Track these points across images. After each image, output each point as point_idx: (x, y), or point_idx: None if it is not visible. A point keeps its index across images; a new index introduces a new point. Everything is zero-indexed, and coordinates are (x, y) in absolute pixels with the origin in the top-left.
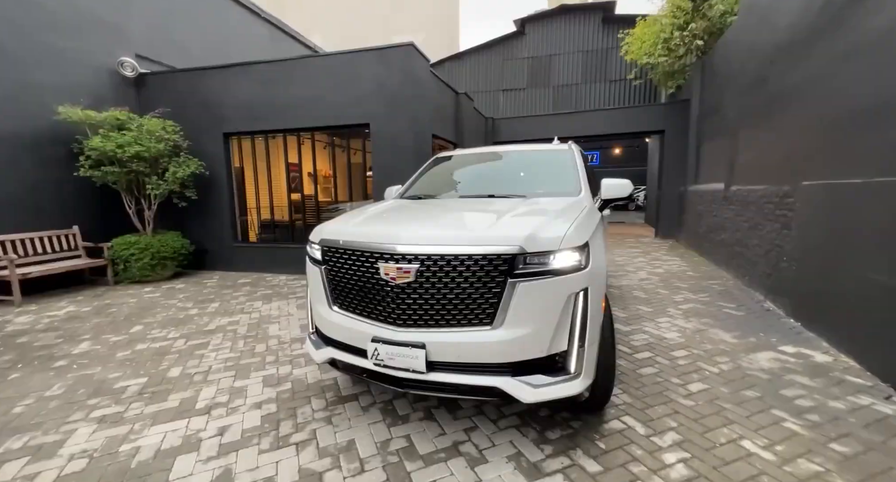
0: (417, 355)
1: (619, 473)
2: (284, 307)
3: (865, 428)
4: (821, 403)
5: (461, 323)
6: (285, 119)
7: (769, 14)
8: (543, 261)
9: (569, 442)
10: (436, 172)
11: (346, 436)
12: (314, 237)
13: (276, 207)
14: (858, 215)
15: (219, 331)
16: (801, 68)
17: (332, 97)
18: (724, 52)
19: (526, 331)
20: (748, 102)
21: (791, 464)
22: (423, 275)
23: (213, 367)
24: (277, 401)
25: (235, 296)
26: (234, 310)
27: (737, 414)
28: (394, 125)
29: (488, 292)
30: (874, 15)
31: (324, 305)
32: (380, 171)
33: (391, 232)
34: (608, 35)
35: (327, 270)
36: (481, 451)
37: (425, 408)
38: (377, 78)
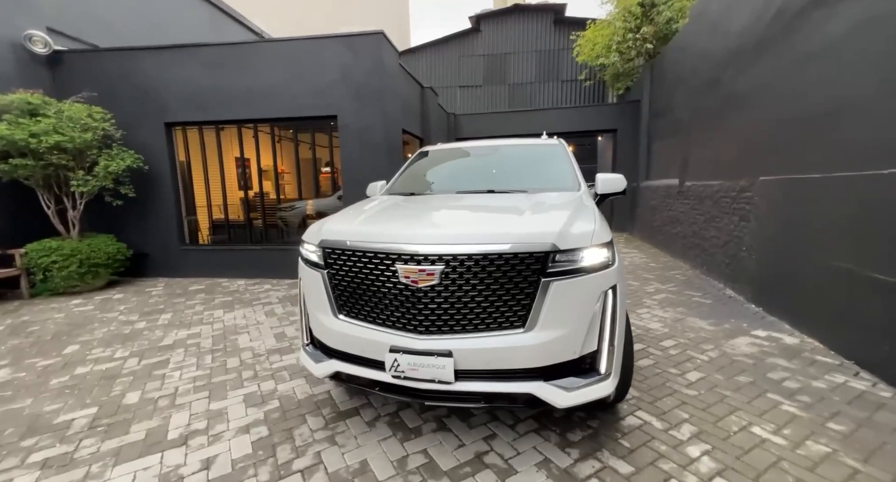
0: (444, 364)
1: (652, 472)
2: (251, 315)
3: (850, 405)
4: (805, 384)
5: (490, 327)
6: (239, 109)
7: (720, 21)
8: (575, 259)
9: (593, 443)
10: (424, 167)
11: (356, 457)
12: (310, 238)
13: (230, 206)
14: (819, 207)
15: (178, 345)
16: (755, 72)
17: (294, 87)
18: (674, 55)
19: (560, 333)
20: (702, 103)
21: (802, 447)
22: (448, 277)
23: (180, 389)
24: (267, 422)
25: (190, 304)
26: (192, 320)
27: (738, 400)
28: (363, 118)
29: (520, 293)
30: (825, 24)
31: (326, 314)
32: (349, 166)
33: (409, 231)
34: (560, 36)
35: (331, 275)
36: (507, 461)
37: (436, 417)
38: (344, 67)
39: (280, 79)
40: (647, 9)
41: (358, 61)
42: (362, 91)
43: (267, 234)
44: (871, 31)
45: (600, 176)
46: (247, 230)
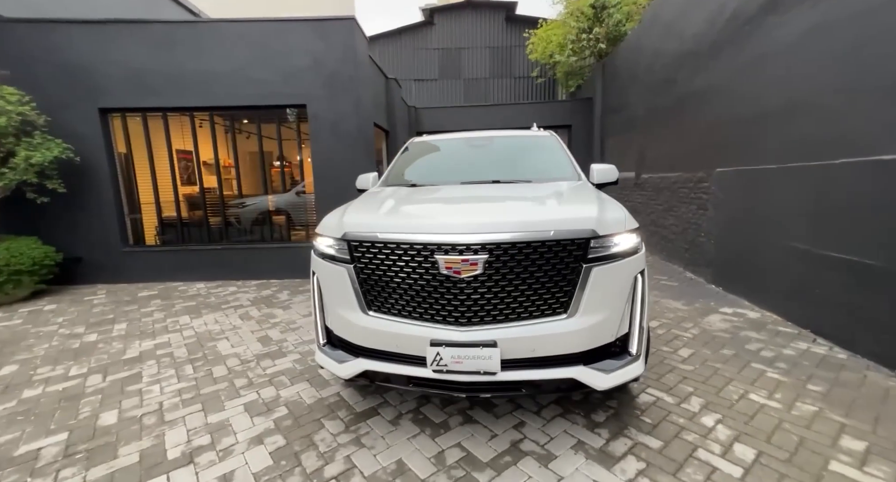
0: (490, 355)
1: (679, 444)
2: (223, 320)
3: (818, 367)
4: (778, 352)
5: (533, 314)
6: (193, 95)
7: (674, 25)
8: (611, 244)
9: (618, 422)
10: (419, 158)
11: (389, 458)
12: (329, 231)
13: (182, 202)
14: (775, 194)
15: (146, 357)
16: (710, 72)
17: (257, 72)
18: (627, 55)
19: (600, 317)
20: (657, 101)
21: (794, 408)
22: (491, 267)
23: (165, 404)
24: (280, 431)
25: (146, 312)
26: (155, 329)
27: (729, 371)
28: (335, 108)
29: (562, 279)
30: (776, 30)
31: (353, 311)
32: (321, 159)
33: (449, 220)
34: (512, 34)
35: (358, 269)
36: (544, 447)
37: (459, 410)
38: (314, 54)
39: (241, 63)
40: (599, 10)
41: (329, 48)
42: (334, 80)
43: (227, 232)
44: (818, 38)
45: (595, 166)
46: (204, 229)
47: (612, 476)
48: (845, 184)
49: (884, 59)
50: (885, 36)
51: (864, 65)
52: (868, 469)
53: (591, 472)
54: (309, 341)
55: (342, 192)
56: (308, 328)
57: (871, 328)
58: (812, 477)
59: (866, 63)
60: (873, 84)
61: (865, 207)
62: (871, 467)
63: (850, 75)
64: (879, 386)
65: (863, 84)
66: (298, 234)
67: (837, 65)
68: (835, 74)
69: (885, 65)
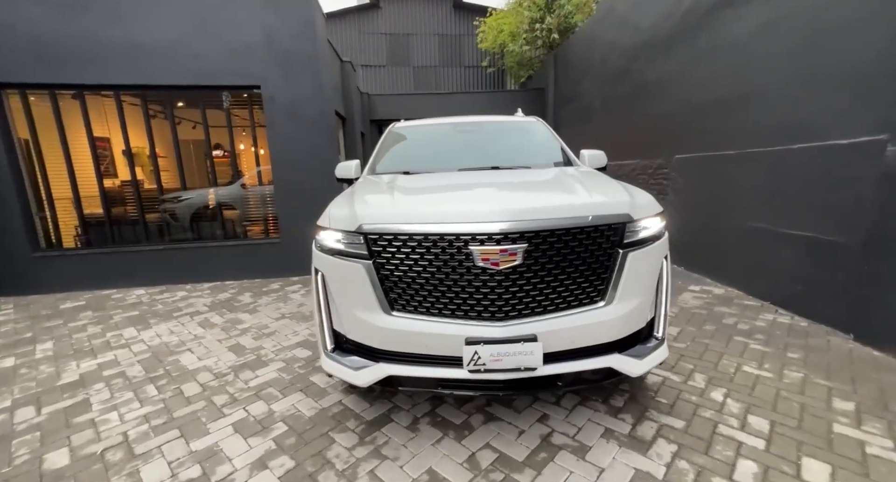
0: (532, 350)
1: (701, 422)
2: (180, 330)
3: (789, 336)
4: (752, 324)
5: (572, 304)
6: (116, 70)
7: (630, 16)
8: (640, 229)
9: (637, 405)
10: (405, 144)
11: (418, 468)
12: (340, 224)
13: (109, 198)
14: (734, 178)
15: (91, 380)
16: (668, 63)
17: (199, 45)
18: (580, 46)
19: (635, 303)
20: (613, 91)
21: (785, 376)
22: (531, 256)
23: (131, 434)
24: (285, 450)
25: (76, 327)
26: (93, 346)
27: (718, 346)
28: (294, 90)
29: (600, 266)
30: (732, 24)
31: (373, 312)
32: (279, 146)
33: (481, 208)
34: (461, 22)
35: (379, 266)
36: (574, 438)
37: (478, 408)
38: (267, 28)
39: (176, 34)
40: (551, 1)
41: (284, 22)
42: (291, 58)
43: (169, 230)
44: (774, 32)
45: (586, 152)
46: (140, 227)
47: (650, 461)
48: (801, 167)
49: (834, 54)
50: (835, 32)
51: (816, 58)
52: (865, 428)
53: (630, 460)
54: (290, 347)
55: (303, 182)
56: (285, 332)
57: (827, 297)
58: (824, 441)
59: (818, 57)
60: (825, 76)
61: (819, 188)
62: (867, 425)
63: (805, 67)
64: (843, 349)
65: (816, 76)
66: (251, 230)
67: (792, 57)
68: (790, 66)
69: (836, 59)
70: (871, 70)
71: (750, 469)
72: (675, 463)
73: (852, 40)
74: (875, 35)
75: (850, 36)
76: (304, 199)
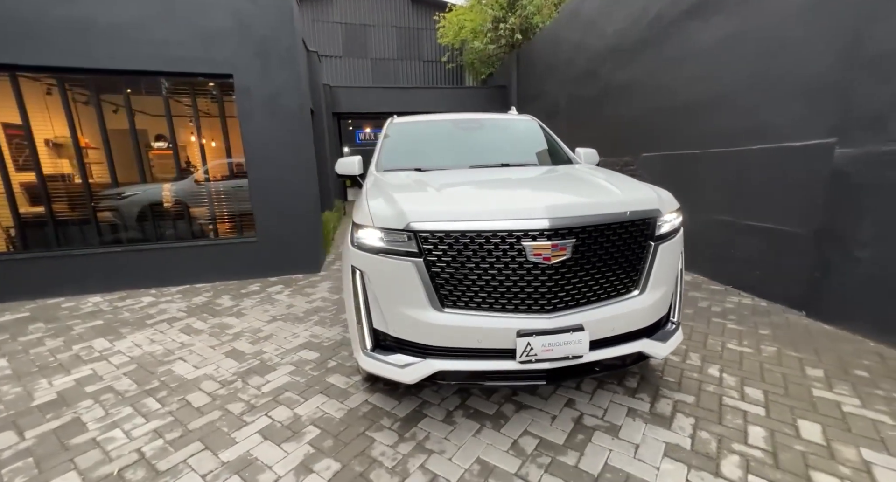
0: (580, 339)
1: (707, 396)
2: (161, 337)
3: (756, 315)
4: (723, 307)
5: (611, 294)
6: (63, 52)
7: (596, 21)
8: (665, 222)
9: (650, 386)
10: (409, 141)
11: (466, 459)
12: (386, 222)
13: (53, 194)
14: (699, 175)
15: (75, 398)
16: (634, 67)
17: (162, 29)
18: (544, 46)
19: (663, 291)
20: (579, 91)
21: (763, 351)
22: (578, 250)
23: (146, 451)
24: (326, 453)
25: (30, 341)
26: (60, 361)
27: (700, 327)
28: (272, 81)
29: (636, 258)
30: (697, 34)
31: (423, 309)
32: (254, 140)
33: (530, 205)
34: (419, 15)
35: (430, 263)
36: (604, 419)
37: (505, 397)
38: (238, 14)
39: (139, 15)
40: (513, 1)
41: (258, 8)
42: (269, 47)
43: (126, 228)
44: (736, 43)
45: (581, 150)
46: (92, 226)
47: (675, 434)
48: (761, 166)
49: (790, 65)
50: (791, 46)
51: (774, 68)
52: (836, 390)
53: (658, 435)
54: (293, 350)
55: (281, 178)
56: (283, 335)
57: (783, 280)
58: (808, 404)
59: (777, 67)
60: (782, 84)
61: (778, 184)
62: (837, 388)
63: (764, 76)
64: (801, 324)
65: (774, 84)
66: (209, 229)
67: (753, 66)
68: (751, 75)
69: (791, 70)
70: (822, 81)
71: (760, 434)
72: (696, 434)
73: (806, 54)
74: (824, 51)
75: (803, 50)
76: (282, 195)
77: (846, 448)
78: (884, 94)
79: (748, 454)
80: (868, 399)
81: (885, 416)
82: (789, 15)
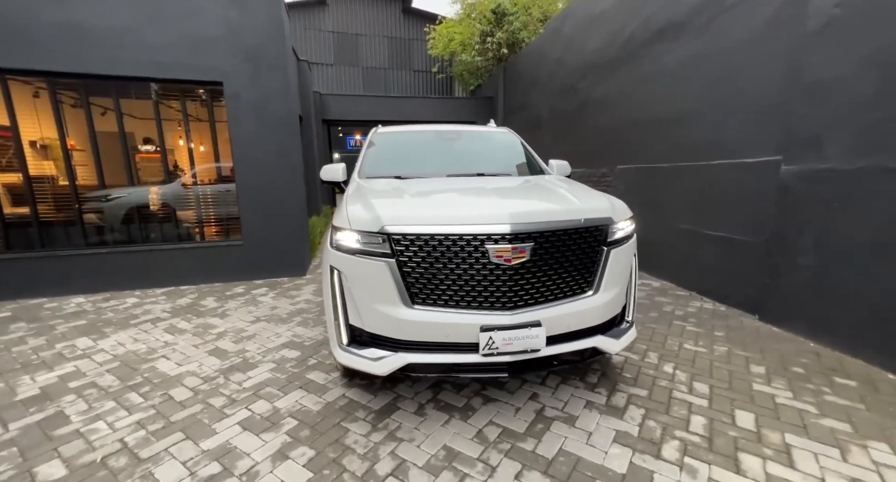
0: (537, 334)
1: (659, 390)
2: (145, 337)
3: (713, 318)
4: (685, 310)
5: (567, 294)
6: (52, 56)
7: (575, 39)
8: (619, 229)
9: (608, 381)
10: (391, 149)
11: (433, 446)
12: (362, 225)
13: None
14: (667, 187)
15: (58, 393)
16: (610, 84)
17: (152, 35)
18: (529, 60)
19: (615, 291)
20: (560, 104)
21: (715, 351)
22: (536, 253)
23: (129, 440)
24: (302, 442)
25: (12, 340)
26: (43, 359)
27: (662, 328)
28: (261, 89)
29: (589, 261)
30: (665, 55)
31: (394, 306)
32: (242, 145)
33: (496, 211)
34: (411, 26)
35: (401, 263)
36: (563, 411)
37: (475, 392)
38: (228, 21)
39: (130, 20)
40: (500, 16)
41: (248, 17)
42: (258, 55)
43: (112, 230)
44: (697, 65)
45: (554, 162)
46: (77, 228)
47: (626, 423)
48: (720, 179)
49: (743, 87)
50: (744, 70)
51: (730, 90)
52: (773, 384)
53: (610, 424)
54: (275, 348)
55: (269, 183)
56: (266, 335)
57: (738, 285)
58: (747, 396)
59: (733, 89)
60: (737, 104)
61: (734, 196)
62: (775, 383)
63: (722, 96)
64: (752, 327)
65: (730, 103)
66: (196, 232)
67: (712, 87)
68: (711, 94)
69: (744, 91)
70: (770, 103)
71: (700, 422)
72: (645, 422)
73: (757, 77)
74: (771, 75)
75: (755, 74)
76: (269, 200)
77: (773, 433)
78: (819, 117)
79: (687, 439)
80: (799, 392)
81: (811, 407)
82: (742, 41)
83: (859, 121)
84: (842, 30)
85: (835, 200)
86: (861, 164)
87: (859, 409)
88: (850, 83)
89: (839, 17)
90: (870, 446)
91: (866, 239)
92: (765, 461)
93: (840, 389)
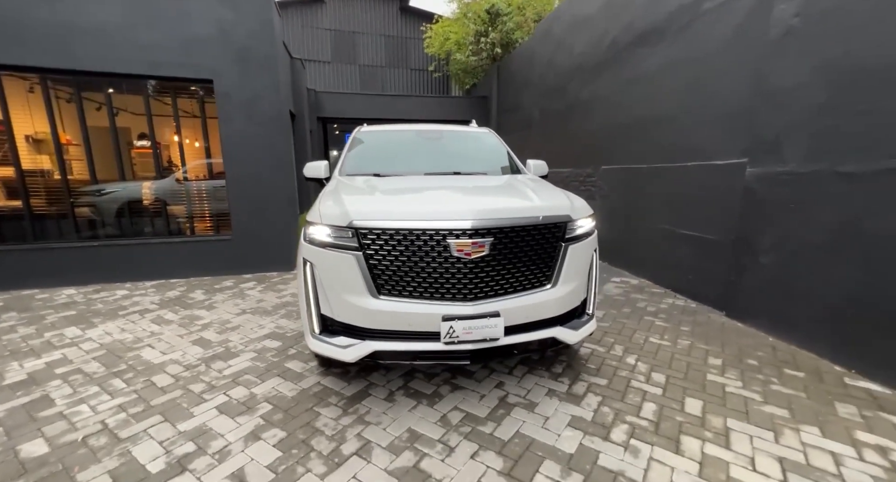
0: (496, 324)
1: (619, 379)
2: (132, 327)
3: (682, 314)
4: (657, 307)
5: (526, 287)
6: (44, 52)
7: (564, 41)
8: (577, 227)
9: (572, 371)
10: (372, 148)
11: (399, 428)
12: (332, 220)
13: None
14: (646, 187)
15: (44, 379)
16: (595, 86)
17: (144, 33)
18: (521, 61)
19: (573, 285)
20: (550, 105)
21: (678, 344)
22: (495, 248)
23: (109, 422)
24: (275, 424)
25: (2, 329)
26: (32, 347)
27: (632, 323)
28: (251, 88)
29: (547, 256)
30: (645, 59)
31: (362, 296)
32: (233, 143)
33: (457, 208)
34: (408, 25)
35: (368, 256)
36: (525, 398)
37: (445, 380)
38: (220, 21)
39: (121, 17)
40: (494, 17)
41: (240, 17)
42: (249, 55)
43: (105, 224)
44: (672, 71)
45: (531, 162)
46: (70, 221)
47: (582, 409)
48: (693, 180)
49: (713, 93)
50: (713, 77)
51: (702, 95)
52: (727, 375)
53: (567, 410)
54: (258, 339)
55: (258, 180)
56: (249, 326)
57: (708, 283)
58: (700, 386)
59: (704, 94)
60: (708, 108)
61: (705, 197)
62: (728, 373)
63: (695, 101)
64: (718, 322)
65: (703, 107)
66: (187, 227)
67: (687, 92)
68: (685, 99)
69: (715, 97)
70: (737, 107)
71: (651, 408)
72: (599, 408)
73: (725, 83)
74: (737, 81)
75: (724, 79)
76: (259, 196)
77: (716, 418)
78: (779, 122)
79: (636, 423)
80: (749, 382)
81: (757, 395)
82: (712, 48)
83: (813, 126)
84: (799, 39)
85: (792, 202)
86: (814, 167)
87: (800, 397)
88: (806, 90)
89: (797, 28)
90: (802, 430)
91: (819, 239)
92: (703, 442)
93: (787, 380)
